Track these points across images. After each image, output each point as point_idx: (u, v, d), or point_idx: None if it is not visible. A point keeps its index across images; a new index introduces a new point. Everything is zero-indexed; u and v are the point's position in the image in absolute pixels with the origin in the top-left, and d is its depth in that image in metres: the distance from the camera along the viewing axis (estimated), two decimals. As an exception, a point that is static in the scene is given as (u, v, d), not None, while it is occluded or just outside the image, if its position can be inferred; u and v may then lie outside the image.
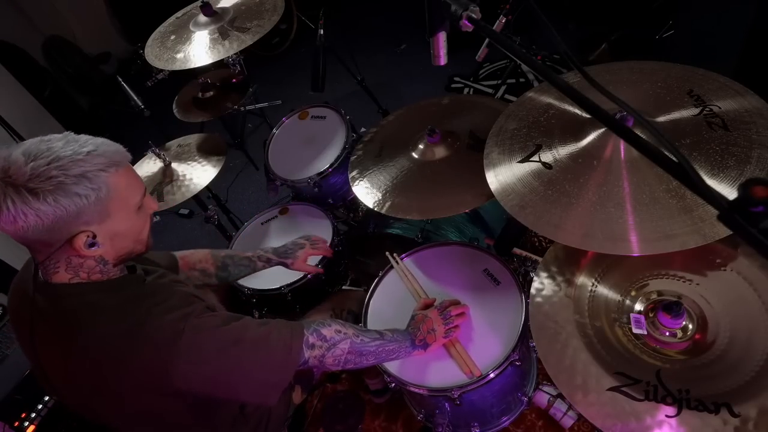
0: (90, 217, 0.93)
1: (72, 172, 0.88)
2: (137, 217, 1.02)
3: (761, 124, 1.09)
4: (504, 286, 1.44)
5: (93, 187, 0.90)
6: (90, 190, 0.90)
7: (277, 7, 2.03)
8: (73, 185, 0.88)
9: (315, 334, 1.15)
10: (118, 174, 0.95)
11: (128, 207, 0.99)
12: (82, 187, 0.89)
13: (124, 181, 0.96)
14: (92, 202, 0.91)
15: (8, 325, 2.09)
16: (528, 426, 1.63)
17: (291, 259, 1.62)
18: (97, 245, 0.96)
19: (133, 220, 1.01)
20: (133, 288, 1.04)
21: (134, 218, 1.02)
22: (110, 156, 0.94)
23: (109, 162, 0.93)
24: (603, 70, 1.38)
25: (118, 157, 0.96)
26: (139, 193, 1.02)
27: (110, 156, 0.94)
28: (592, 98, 0.67)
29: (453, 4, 0.85)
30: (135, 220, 1.02)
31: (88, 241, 0.94)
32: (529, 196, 1.19)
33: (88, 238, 0.94)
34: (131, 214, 1.00)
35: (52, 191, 0.87)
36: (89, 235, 0.94)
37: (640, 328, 1.16)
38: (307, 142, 2.18)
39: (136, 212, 1.02)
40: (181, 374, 0.96)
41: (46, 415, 1.90)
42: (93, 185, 0.90)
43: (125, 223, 1.00)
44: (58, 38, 4.51)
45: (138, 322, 0.96)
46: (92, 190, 0.90)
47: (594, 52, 3.07)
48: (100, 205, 0.93)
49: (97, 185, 0.91)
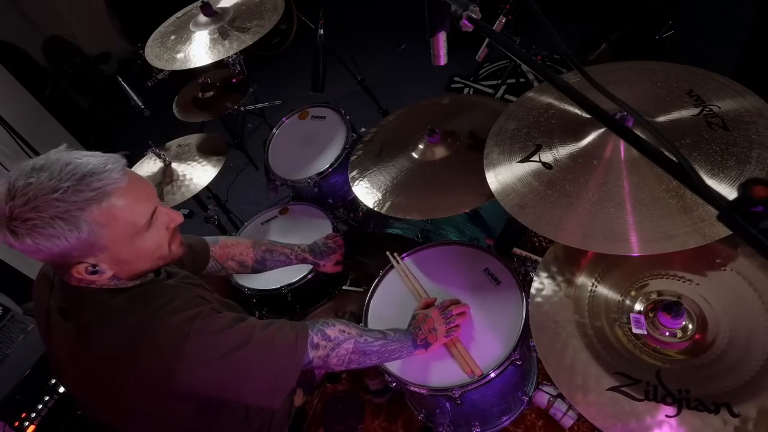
0: (80, 252, 0.89)
1: (46, 213, 0.83)
2: (146, 239, 0.97)
3: (761, 124, 1.09)
4: (504, 286, 1.44)
5: (69, 228, 0.85)
6: (67, 231, 0.84)
7: (277, 7, 2.03)
8: (49, 227, 0.83)
9: (319, 334, 1.15)
10: (103, 208, 0.87)
11: (127, 235, 0.93)
12: (58, 229, 0.84)
13: (113, 213, 0.89)
14: (73, 243, 0.86)
15: (8, 325, 2.10)
16: (528, 426, 1.63)
17: (324, 260, 1.67)
18: (101, 272, 0.94)
19: (140, 244, 0.96)
20: (143, 288, 1.03)
21: (141, 242, 0.96)
22: (97, 187, 0.86)
23: (91, 198, 0.86)
24: (603, 70, 1.38)
25: (107, 186, 0.88)
26: (141, 218, 0.94)
27: (97, 187, 0.86)
28: (592, 98, 0.67)
29: (453, 4, 0.85)
30: (143, 243, 0.96)
31: (89, 270, 0.92)
32: (529, 196, 1.19)
33: (86, 267, 0.91)
34: (134, 240, 0.95)
35: (29, 233, 0.83)
36: (87, 266, 0.91)
37: (640, 328, 1.16)
38: (307, 142, 2.18)
39: (142, 236, 0.96)
40: (186, 376, 0.96)
41: (46, 415, 1.90)
42: (69, 226, 0.84)
43: (128, 250, 0.94)
44: (58, 38, 4.51)
45: (144, 324, 0.96)
46: (69, 231, 0.85)
47: (594, 52, 3.07)
48: (84, 243, 0.87)
49: (75, 225, 0.85)
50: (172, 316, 0.98)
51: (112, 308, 0.98)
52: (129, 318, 0.97)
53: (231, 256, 1.53)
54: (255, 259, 1.57)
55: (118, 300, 0.98)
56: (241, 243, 1.57)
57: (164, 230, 1.02)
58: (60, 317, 1.01)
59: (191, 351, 0.95)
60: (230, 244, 1.54)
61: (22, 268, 2.55)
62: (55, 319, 1.02)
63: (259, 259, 1.57)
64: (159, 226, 1.00)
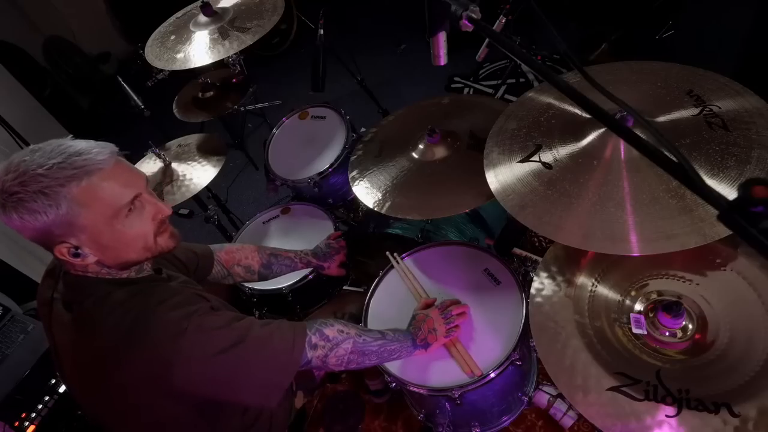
0: (60, 231, 0.91)
1: (30, 188, 0.87)
2: (126, 225, 0.97)
3: (761, 124, 1.09)
4: (504, 286, 1.44)
5: (49, 203, 0.87)
6: (47, 206, 0.87)
7: (277, 7, 2.03)
8: (32, 202, 0.87)
9: (318, 334, 1.15)
10: (83, 186, 0.89)
11: (105, 217, 0.94)
12: (39, 204, 0.87)
13: (93, 193, 0.91)
14: (53, 219, 0.89)
15: (8, 325, 2.10)
16: (528, 426, 1.63)
17: (329, 262, 1.69)
18: (84, 254, 0.95)
19: (121, 229, 0.96)
20: (143, 285, 1.04)
21: (121, 227, 0.96)
22: (79, 165, 0.89)
23: (72, 175, 0.89)
24: (603, 70, 1.38)
25: (90, 166, 0.90)
26: (120, 201, 0.95)
27: (79, 165, 0.89)
28: (592, 98, 0.67)
29: (453, 4, 0.85)
30: (123, 228, 0.96)
31: (71, 251, 0.94)
32: (529, 196, 1.19)
33: (68, 248, 0.93)
34: (113, 224, 0.95)
35: (15, 207, 0.88)
36: (69, 247, 0.93)
37: (640, 328, 1.16)
38: (307, 142, 2.18)
39: (122, 220, 0.96)
40: (183, 372, 0.96)
41: (46, 415, 1.90)
42: (49, 201, 0.87)
43: (107, 234, 0.95)
44: (58, 38, 4.51)
45: (143, 318, 0.96)
46: (49, 206, 0.88)
47: (594, 52, 3.07)
48: (64, 221, 0.90)
49: (55, 201, 0.88)
50: (172, 311, 0.98)
51: (113, 301, 0.98)
52: (129, 311, 0.97)
53: (237, 261, 1.54)
54: (261, 263, 1.58)
55: (119, 294, 0.99)
56: (245, 248, 1.58)
57: (150, 220, 1.01)
58: (63, 309, 1.02)
59: (189, 346, 0.96)
60: (235, 249, 1.56)
61: (22, 268, 2.55)
62: (58, 311, 1.04)
63: (265, 263, 1.58)
64: (145, 215, 1.00)
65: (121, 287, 1.01)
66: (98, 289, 1.00)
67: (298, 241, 1.93)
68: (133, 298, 0.99)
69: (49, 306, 1.06)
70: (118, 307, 0.97)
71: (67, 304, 1.02)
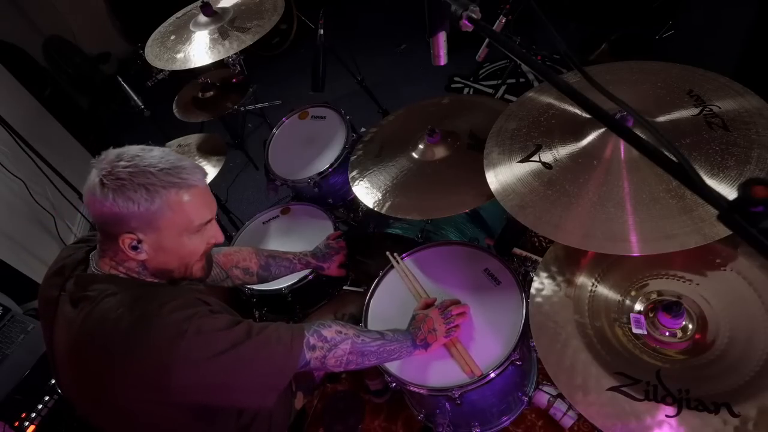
0: (138, 223, 1.00)
1: (137, 180, 0.98)
2: (189, 240, 1.07)
3: (761, 124, 1.09)
4: (504, 286, 1.44)
5: (147, 198, 0.98)
6: (143, 199, 0.98)
7: (277, 7, 2.03)
8: (132, 191, 0.97)
9: (316, 336, 1.15)
10: (179, 194, 1.01)
11: (180, 227, 1.04)
12: (139, 195, 0.97)
13: (183, 202, 1.02)
14: (142, 211, 0.98)
15: (8, 325, 2.10)
16: (528, 426, 1.63)
17: (328, 263, 1.70)
18: (141, 250, 1.03)
19: (183, 242, 1.06)
20: (146, 289, 1.06)
21: (185, 240, 1.06)
22: (181, 176, 1.01)
23: (174, 182, 1.00)
24: (603, 70, 1.38)
25: (191, 180, 1.03)
26: (198, 219, 1.06)
27: (181, 176, 1.01)
28: (592, 98, 0.67)
29: (453, 4, 0.85)
30: (185, 242, 1.06)
31: (132, 244, 1.02)
32: (529, 196, 1.19)
33: (132, 240, 1.02)
34: (182, 235, 1.05)
35: (115, 190, 0.97)
36: (133, 239, 1.02)
37: (640, 328, 1.16)
38: (307, 142, 2.18)
39: (189, 235, 1.06)
40: (181, 374, 0.96)
41: (46, 415, 1.90)
42: (147, 196, 0.98)
43: (173, 241, 1.04)
44: (58, 38, 4.51)
45: (143, 319, 0.97)
46: (145, 200, 0.98)
47: (594, 52, 3.07)
48: (149, 216, 0.99)
49: (152, 198, 0.98)
50: (171, 314, 0.99)
51: (117, 303, 0.99)
52: (130, 313, 0.98)
53: (234, 263, 1.54)
54: (259, 264, 1.58)
55: (124, 296, 1.01)
56: (243, 250, 1.59)
57: (205, 242, 1.11)
58: (70, 307, 1.04)
59: (187, 348, 0.96)
60: (233, 252, 1.57)
61: (22, 268, 2.55)
62: (63, 310, 1.05)
63: (263, 264, 1.59)
64: (204, 236, 1.10)
65: (129, 289, 1.03)
66: (107, 288, 1.02)
67: (298, 242, 1.93)
68: (135, 301, 1.01)
69: (54, 305, 1.07)
70: (120, 310, 0.98)
71: (75, 302, 1.03)
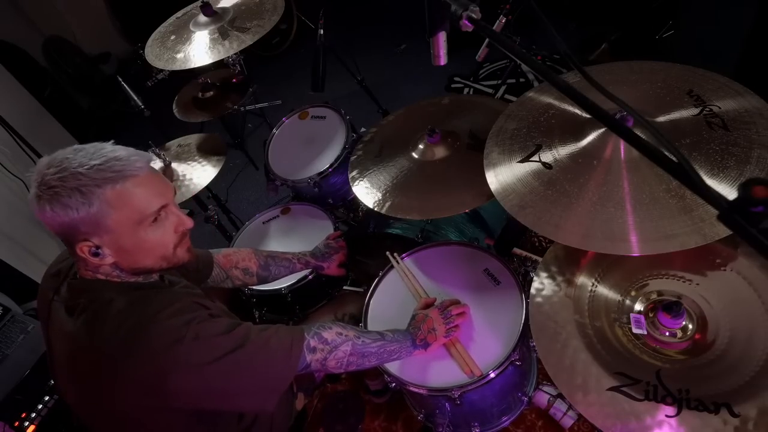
0: (87, 228, 0.95)
1: (68, 184, 0.91)
2: (149, 233, 1.00)
3: (761, 124, 1.09)
4: (504, 286, 1.44)
5: (83, 201, 0.91)
6: (80, 203, 0.91)
7: (277, 7, 2.03)
8: (66, 197, 0.91)
9: (316, 338, 1.15)
10: (117, 189, 0.94)
11: (131, 222, 0.97)
12: (74, 200, 0.91)
13: (125, 197, 0.95)
14: (83, 216, 0.92)
15: (8, 325, 2.10)
16: (528, 426, 1.63)
17: (328, 262, 1.70)
18: (103, 255, 0.98)
19: (143, 237, 0.99)
20: (144, 292, 1.05)
21: (144, 234, 0.99)
22: (117, 170, 0.94)
23: (109, 177, 0.93)
24: (603, 70, 1.38)
25: (127, 171, 0.95)
26: (149, 209, 0.98)
27: (117, 170, 0.94)
28: (592, 98, 0.67)
29: (453, 4, 0.85)
30: (145, 236, 1.00)
31: (92, 250, 0.97)
32: (529, 196, 1.19)
33: (90, 247, 0.97)
34: (138, 230, 0.99)
35: (50, 200, 0.91)
36: (90, 246, 0.97)
37: (640, 328, 1.16)
38: (307, 142, 2.18)
39: (146, 229, 0.99)
40: (180, 380, 0.95)
41: (46, 415, 1.91)
42: (83, 199, 0.91)
43: (130, 238, 0.98)
44: (58, 38, 4.51)
45: (141, 326, 0.96)
46: (82, 203, 0.91)
47: (594, 52, 3.06)
48: (92, 219, 0.93)
49: (88, 200, 0.92)
50: (170, 319, 0.98)
51: (113, 309, 0.98)
52: (128, 319, 0.97)
53: (234, 264, 1.54)
54: (258, 264, 1.58)
55: (120, 301, 1.00)
56: (242, 251, 1.59)
57: (172, 231, 1.05)
58: (65, 315, 1.02)
59: (186, 353, 0.95)
60: (232, 252, 1.57)
61: (22, 268, 2.55)
62: (57, 317, 1.04)
63: (262, 264, 1.58)
64: (167, 225, 1.03)
65: (123, 294, 1.01)
66: (102, 295, 1.00)
67: (298, 242, 1.93)
68: (132, 306, 0.99)
69: (48, 307, 1.07)
70: (118, 315, 0.97)
71: (69, 310, 1.02)
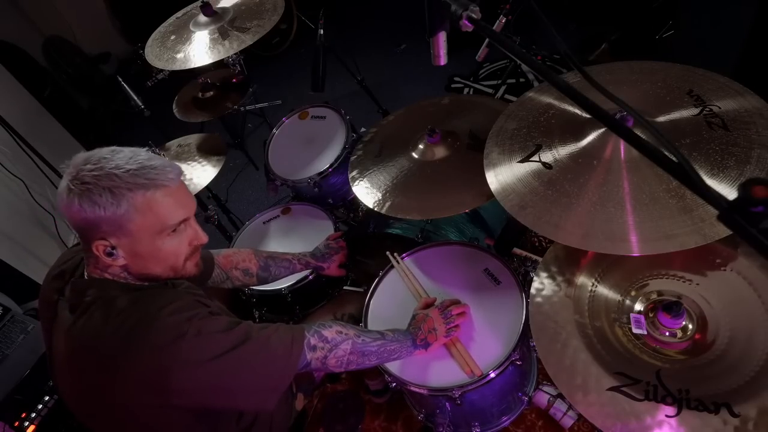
0: (109, 228, 0.97)
1: (102, 183, 0.94)
2: (166, 243, 1.03)
3: (761, 124, 1.09)
4: (504, 286, 1.44)
5: (112, 201, 0.94)
6: (109, 203, 0.94)
7: (277, 7, 2.03)
8: (97, 195, 0.94)
9: (317, 336, 1.15)
10: (147, 196, 0.97)
11: (152, 230, 1.00)
12: (104, 199, 0.94)
13: (152, 205, 0.98)
14: (109, 215, 0.95)
15: (8, 325, 2.10)
16: (528, 426, 1.63)
17: (328, 263, 1.70)
18: (117, 256, 1.00)
19: (159, 245, 1.02)
20: (146, 291, 1.05)
21: (161, 243, 1.02)
22: (148, 177, 0.97)
23: (140, 183, 0.96)
24: (603, 70, 1.38)
25: (159, 181, 0.98)
26: (171, 220, 1.02)
27: (148, 177, 0.97)
28: (592, 98, 0.67)
29: (453, 4, 0.85)
30: (162, 245, 1.02)
31: (107, 250, 0.99)
32: (529, 196, 1.19)
33: (106, 246, 0.99)
34: (156, 239, 1.01)
35: (81, 195, 0.94)
36: (107, 245, 0.99)
37: (640, 328, 1.16)
38: (307, 142, 2.18)
39: (164, 238, 1.02)
40: (181, 377, 0.95)
41: (46, 415, 1.91)
42: (113, 200, 0.94)
43: (147, 245, 1.01)
44: (58, 38, 4.50)
45: (142, 324, 0.96)
46: (111, 204, 0.94)
47: (594, 52, 3.07)
48: (117, 220, 0.96)
49: (117, 201, 0.95)
50: (171, 316, 0.98)
51: (116, 307, 0.99)
52: (130, 317, 0.97)
53: (234, 264, 1.54)
54: (258, 265, 1.58)
55: (123, 300, 1.00)
56: (242, 251, 1.60)
57: (186, 243, 1.08)
58: (68, 314, 1.03)
59: (187, 351, 0.96)
60: (232, 253, 1.57)
61: (22, 268, 2.55)
62: (62, 316, 1.04)
63: (262, 265, 1.58)
64: (183, 237, 1.07)
65: (126, 293, 1.02)
66: (106, 292, 1.01)
67: (299, 242, 1.93)
68: (134, 304, 1.00)
69: (54, 310, 1.07)
70: (120, 314, 0.98)
71: (73, 308, 1.02)
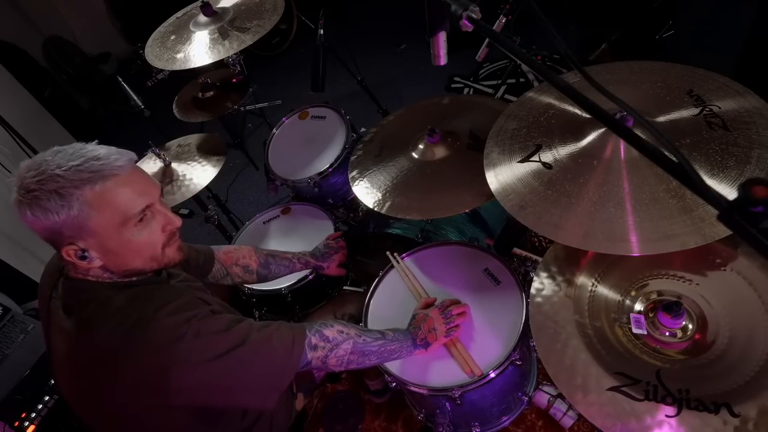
0: (70, 232, 0.92)
1: (47, 187, 0.89)
2: (135, 234, 0.98)
3: (761, 124, 1.09)
4: (504, 286, 1.44)
5: (62, 203, 0.89)
6: (59, 206, 0.89)
7: (277, 7, 2.03)
8: (45, 200, 0.89)
9: (317, 335, 1.15)
10: (97, 190, 0.91)
11: (115, 223, 0.95)
12: (53, 203, 0.89)
13: (106, 197, 0.92)
14: (64, 219, 0.90)
15: (8, 325, 2.10)
16: (528, 426, 1.63)
17: (327, 262, 1.70)
18: (91, 258, 0.96)
19: (129, 238, 0.97)
20: (143, 288, 1.04)
21: (130, 235, 0.97)
22: (95, 170, 0.91)
23: (87, 178, 0.90)
24: (603, 70, 1.38)
25: (107, 171, 0.92)
26: (133, 209, 0.96)
27: (95, 170, 0.91)
28: (592, 98, 0.67)
29: (453, 3, 0.85)
30: (132, 237, 0.97)
31: (78, 254, 0.95)
32: (529, 196, 1.19)
33: (76, 251, 0.95)
34: (123, 231, 0.96)
35: (30, 205, 0.90)
36: (76, 249, 0.94)
37: (640, 328, 1.16)
38: (307, 142, 2.18)
39: (132, 229, 0.97)
40: (181, 378, 0.95)
41: (46, 415, 1.90)
42: (63, 202, 0.89)
43: (116, 240, 0.96)
44: (58, 38, 4.51)
45: (142, 323, 0.96)
46: (61, 206, 0.89)
47: (594, 52, 3.06)
48: (74, 222, 0.91)
49: (68, 202, 0.89)
50: (170, 316, 0.97)
51: (113, 306, 0.98)
52: (128, 316, 0.96)
53: (235, 261, 1.54)
54: (259, 262, 1.58)
55: (119, 298, 0.99)
56: (243, 248, 1.60)
57: (159, 231, 1.03)
58: (62, 314, 1.01)
59: (187, 351, 0.95)
60: (233, 250, 1.57)
61: (22, 268, 2.55)
62: (56, 315, 1.03)
63: (262, 262, 1.59)
64: (154, 225, 1.02)
65: (120, 291, 1.01)
66: (98, 294, 1.00)
67: (299, 242, 1.93)
68: (131, 303, 0.99)
69: (48, 310, 1.06)
70: (117, 313, 0.97)
71: (67, 309, 1.01)
